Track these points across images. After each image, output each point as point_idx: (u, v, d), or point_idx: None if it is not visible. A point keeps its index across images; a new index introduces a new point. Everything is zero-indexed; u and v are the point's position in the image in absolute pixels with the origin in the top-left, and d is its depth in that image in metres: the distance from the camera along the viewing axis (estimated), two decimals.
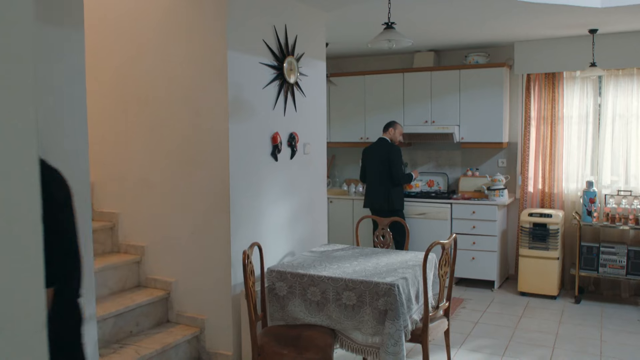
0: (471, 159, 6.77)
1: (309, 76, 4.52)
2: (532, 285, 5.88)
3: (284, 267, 3.81)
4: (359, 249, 4.37)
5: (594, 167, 6.14)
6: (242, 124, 3.79)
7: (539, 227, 5.80)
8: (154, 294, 3.95)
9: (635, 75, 5.87)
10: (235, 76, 3.70)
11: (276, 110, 4.14)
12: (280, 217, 4.24)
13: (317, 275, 3.63)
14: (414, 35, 5.83)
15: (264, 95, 4.01)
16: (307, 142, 4.54)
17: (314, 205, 4.71)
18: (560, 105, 6.18)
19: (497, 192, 6.15)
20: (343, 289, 3.54)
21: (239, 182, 3.78)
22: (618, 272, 5.60)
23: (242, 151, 3.80)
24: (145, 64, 3.99)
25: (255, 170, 3.95)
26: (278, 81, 4.13)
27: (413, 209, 6.38)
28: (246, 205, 3.86)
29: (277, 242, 4.20)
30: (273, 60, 4.08)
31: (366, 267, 3.80)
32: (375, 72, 6.91)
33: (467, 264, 6.20)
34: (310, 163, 4.62)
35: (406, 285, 3.52)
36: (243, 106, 3.79)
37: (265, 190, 4.06)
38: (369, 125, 6.90)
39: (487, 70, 6.29)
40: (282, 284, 3.74)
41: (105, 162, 4.25)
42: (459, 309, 5.56)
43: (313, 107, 4.64)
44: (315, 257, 4.11)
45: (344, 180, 7.50)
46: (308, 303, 3.66)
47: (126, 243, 4.18)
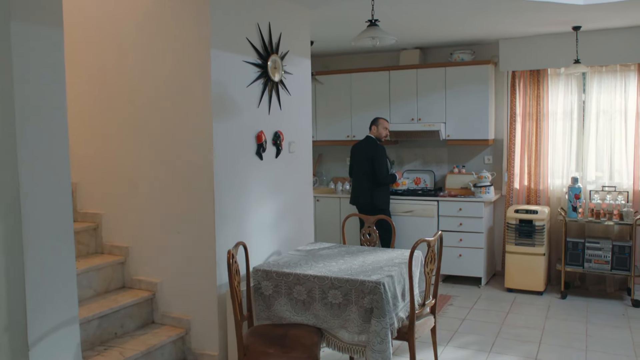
0: (457, 156, 6.78)
1: (293, 74, 4.50)
2: (518, 282, 5.91)
3: (270, 266, 3.80)
4: (345, 248, 4.36)
5: (579, 163, 6.17)
6: (226, 122, 3.76)
7: (525, 223, 5.83)
8: (139, 295, 3.91)
9: (619, 71, 5.91)
10: (218, 74, 3.67)
11: (261, 108, 4.12)
12: (265, 216, 4.22)
13: (303, 274, 3.62)
14: (399, 33, 5.84)
15: (248, 93, 3.98)
16: (292, 140, 4.52)
17: (299, 203, 4.69)
18: (545, 102, 6.21)
19: (484, 189, 6.17)
20: (329, 287, 3.53)
21: (224, 181, 3.75)
22: (603, 267, 5.64)
23: (227, 150, 3.78)
24: (128, 63, 3.95)
25: (240, 170, 3.92)
26: (262, 79, 4.11)
27: (400, 206, 6.39)
28: (231, 205, 3.83)
29: (262, 241, 4.18)
30: (257, 59, 4.05)
31: (352, 265, 3.79)
32: (361, 70, 6.90)
33: (454, 261, 6.21)
34: (295, 162, 4.60)
35: (392, 283, 3.52)
36: (227, 105, 3.77)
37: (250, 189, 4.03)
38: (356, 123, 6.89)
39: (472, 68, 6.30)
40: (267, 283, 3.73)
41: (89, 162, 4.21)
42: (446, 306, 5.57)
43: (298, 106, 4.62)
44: (301, 256, 4.09)
45: (330, 178, 7.49)
46: (294, 302, 3.65)
47: (110, 244, 4.14)
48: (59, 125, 2.67)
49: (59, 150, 2.68)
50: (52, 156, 2.64)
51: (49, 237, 2.64)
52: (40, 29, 2.57)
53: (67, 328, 2.74)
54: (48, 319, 2.64)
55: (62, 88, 2.68)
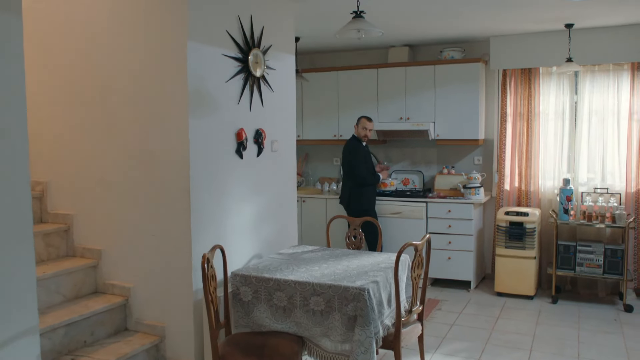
0: (447, 157, 6.63)
1: (277, 70, 4.31)
2: (508, 286, 5.76)
3: (249, 270, 3.61)
4: (329, 251, 4.18)
5: (571, 164, 6.04)
6: (204, 119, 3.57)
7: (516, 225, 5.68)
8: (111, 300, 3.71)
9: (611, 71, 5.78)
10: (196, 68, 3.48)
11: (241, 105, 3.93)
12: (246, 217, 4.03)
13: (284, 280, 3.43)
14: (387, 30, 5.67)
15: (228, 89, 3.79)
16: (275, 139, 4.33)
17: (283, 204, 4.50)
18: (537, 102, 6.06)
19: (473, 190, 6.02)
20: (310, 293, 3.35)
21: (201, 181, 3.56)
22: (595, 271, 5.50)
23: (204, 148, 3.58)
24: (100, 55, 3.75)
25: (219, 168, 3.73)
26: (243, 74, 3.92)
27: (387, 208, 6.22)
28: (209, 206, 3.64)
29: (243, 244, 3.99)
30: (237, 53, 3.86)
31: (336, 270, 3.61)
32: (348, 68, 6.73)
33: (443, 264, 6.05)
34: (278, 161, 4.41)
35: (377, 289, 3.34)
36: (205, 100, 3.58)
37: (229, 190, 3.84)
38: (343, 122, 6.72)
39: (462, 66, 6.15)
40: (246, 288, 3.54)
41: (60, 160, 3.99)
42: (435, 310, 5.41)
43: (282, 103, 4.43)
44: (282, 259, 3.91)
45: (317, 178, 7.31)
46: (274, 309, 3.46)
47: (82, 246, 3.93)
48: (17, 118, 2.47)
49: (17, 144, 2.47)
50: (8, 151, 2.44)
51: (5, 241, 2.44)
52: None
53: (26, 339, 2.54)
54: (4, 329, 2.44)
55: (20, 78, 2.48)
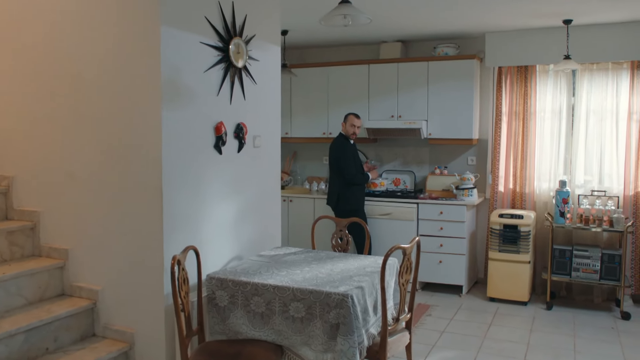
0: (439, 157, 6.41)
1: (260, 61, 4.07)
2: (502, 291, 5.54)
3: (225, 273, 3.37)
4: (313, 253, 3.95)
5: (567, 165, 5.83)
6: (178, 111, 3.32)
7: (510, 228, 5.47)
8: (78, 304, 3.45)
9: (610, 70, 5.58)
10: (170, 56, 3.23)
11: (221, 97, 3.69)
12: (225, 217, 3.79)
13: (262, 284, 3.20)
14: (380, 24, 5.46)
15: (206, 79, 3.55)
16: (257, 134, 4.09)
17: (265, 203, 4.26)
18: (533, 101, 5.86)
19: (466, 191, 5.80)
20: (290, 299, 3.11)
21: (175, 177, 3.32)
22: (591, 277, 5.29)
23: (179, 142, 3.34)
24: (67, 41, 3.49)
25: (196, 164, 3.49)
26: (223, 64, 3.68)
27: (377, 208, 5.99)
28: (183, 204, 3.40)
29: (221, 245, 3.75)
30: (217, 41, 3.62)
31: (318, 273, 3.38)
32: (339, 64, 6.50)
33: (434, 267, 5.83)
34: (261, 157, 4.17)
35: (362, 296, 3.11)
36: (180, 91, 3.33)
37: (207, 187, 3.60)
38: (332, 119, 6.49)
39: (456, 63, 5.93)
40: (222, 293, 3.30)
41: (27, 154, 3.74)
42: (424, 316, 5.18)
43: (265, 96, 4.19)
44: (263, 262, 3.67)
45: (305, 177, 7.07)
46: (251, 315, 3.23)
47: (48, 246, 3.68)
48: None
49: None
50: None
51: None
52: None
53: None
54: None
55: None
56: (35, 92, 3.66)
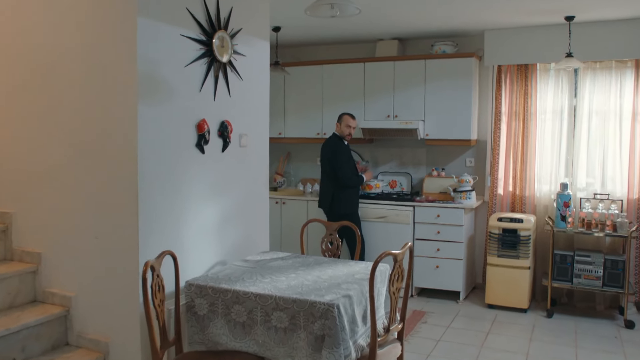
0: (437, 158, 6.21)
1: (247, 57, 3.89)
2: (500, 297, 5.34)
3: (206, 280, 3.17)
4: (301, 258, 3.75)
5: (569, 168, 5.63)
6: (156, 107, 3.13)
7: (509, 233, 5.27)
8: (50, 311, 3.26)
9: (614, 68, 5.38)
10: (147, 49, 3.04)
11: (204, 93, 3.50)
12: (208, 219, 3.60)
13: (243, 292, 3.00)
14: (376, 21, 5.28)
15: (188, 74, 3.36)
16: (244, 133, 3.90)
17: (253, 206, 4.07)
18: (534, 100, 5.66)
19: (464, 194, 5.60)
20: (273, 308, 2.92)
21: (152, 177, 3.13)
22: (593, 284, 5.09)
23: (157, 140, 3.15)
24: (38, 32, 3.31)
25: (175, 164, 3.29)
26: (206, 59, 3.49)
27: (372, 211, 5.79)
28: (162, 206, 3.20)
29: (203, 250, 3.56)
30: (200, 34, 3.43)
31: (304, 281, 3.18)
32: (333, 62, 6.31)
33: (431, 272, 5.63)
34: (248, 157, 3.98)
35: (350, 305, 2.91)
36: (158, 86, 3.14)
37: (188, 188, 3.41)
38: (327, 119, 6.29)
39: (454, 61, 5.74)
40: (202, 300, 3.11)
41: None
42: (420, 323, 4.98)
43: (253, 93, 4.01)
44: (247, 267, 3.48)
45: (299, 179, 6.88)
46: (232, 325, 3.03)
47: (21, 249, 3.48)
48: None
49: None
50: None
51: None
52: None
53: None
54: None
55: None
56: (6, 87, 3.48)
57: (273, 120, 6.54)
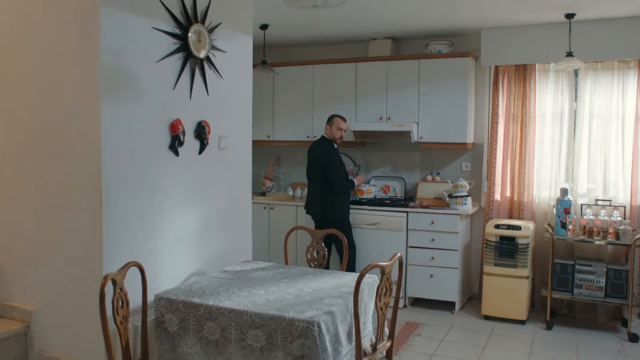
0: (431, 162, 5.96)
1: (228, 53, 3.64)
2: (497, 308, 5.09)
3: (177, 293, 2.92)
4: (284, 269, 3.50)
5: (569, 173, 5.39)
6: (123, 105, 2.88)
7: (507, 240, 5.02)
8: (9, 326, 3.00)
9: (616, 69, 5.14)
10: (112, 41, 2.79)
11: (178, 91, 3.25)
12: (184, 227, 3.34)
13: (216, 307, 2.74)
14: (369, 20, 5.05)
15: (160, 70, 3.11)
16: (223, 134, 3.65)
17: (234, 212, 3.82)
18: (532, 102, 5.42)
19: (460, 199, 5.35)
20: (248, 325, 2.66)
21: (119, 182, 2.87)
22: (595, 294, 4.84)
23: (124, 141, 2.90)
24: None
25: (146, 167, 3.04)
26: (181, 54, 3.24)
27: (363, 218, 5.54)
28: (130, 213, 2.95)
29: (178, 260, 3.30)
30: (174, 27, 3.18)
31: (285, 294, 2.92)
32: (324, 62, 6.07)
33: (425, 282, 5.37)
34: (228, 160, 3.73)
35: (332, 322, 2.66)
36: (126, 82, 2.89)
37: (160, 193, 3.15)
38: (317, 122, 6.04)
39: (450, 61, 5.50)
40: (172, 316, 2.85)
41: None
42: (413, 336, 4.72)
43: (234, 92, 3.76)
44: (224, 279, 3.22)
45: (289, 183, 6.62)
46: (204, 343, 2.78)
47: None
48: None
49: None
50: None
51: None
52: None
53: None
54: None
55: None
56: None
57: (262, 122, 6.31)
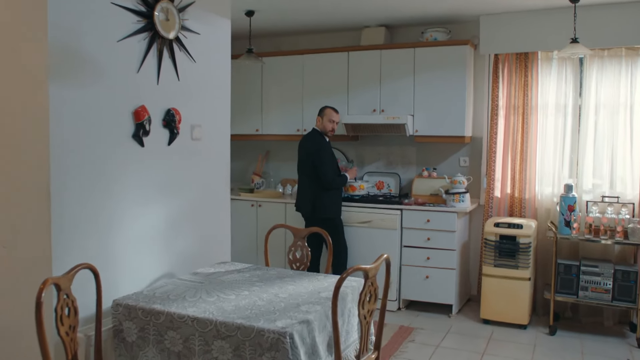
0: (428, 157, 5.65)
1: (202, 35, 3.34)
2: (497, 312, 4.78)
3: (137, 299, 2.61)
4: (262, 271, 3.19)
5: (574, 167, 5.07)
6: (77, 89, 2.58)
7: (507, 240, 4.71)
8: None
9: (624, 56, 4.83)
10: (63, 17, 2.49)
11: (143, 75, 2.95)
12: (151, 225, 3.04)
13: (178, 314, 2.44)
14: (362, 6, 4.75)
15: (122, 51, 2.81)
16: (197, 123, 3.34)
17: (210, 208, 3.52)
18: (534, 93, 5.11)
19: (457, 196, 5.04)
20: (213, 336, 2.35)
21: (71, 174, 2.57)
22: (602, 297, 4.53)
23: (78, 129, 2.60)
24: None
25: (104, 159, 2.74)
26: (146, 34, 2.94)
27: (355, 215, 5.23)
28: (86, 209, 2.64)
29: (144, 262, 3.00)
30: (137, 3, 2.88)
31: (258, 300, 2.62)
32: (315, 51, 5.75)
33: (420, 284, 5.07)
34: (203, 152, 3.43)
35: (309, 332, 2.35)
36: (80, 63, 2.59)
37: (122, 187, 2.85)
38: (307, 114, 5.74)
39: (447, 49, 5.19)
40: (131, 324, 2.55)
41: None
42: (406, 342, 4.41)
43: (209, 78, 3.46)
44: (193, 283, 2.91)
45: (279, 180, 6.32)
46: (165, 355, 2.47)
47: None
48: None
49: None
50: None
51: None
52: None
53: None
54: None
55: None
56: None
57: (250, 116, 6.02)
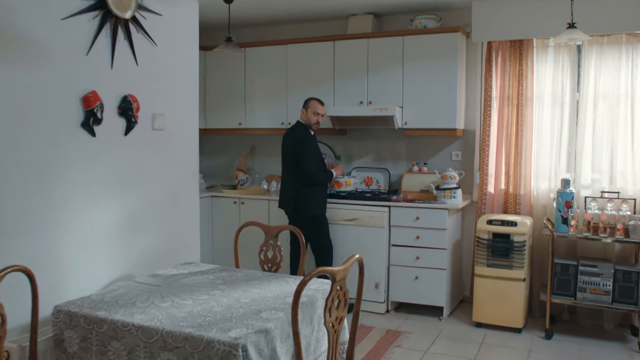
0: (418, 151, 5.38)
1: (164, 16, 3.07)
2: (490, 314, 4.51)
3: (80, 305, 2.35)
4: (228, 273, 2.92)
5: (571, 162, 4.81)
6: (14, 71, 2.32)
7: (501, 238, 4.45)
8: None
9: (624, 43, 4.56)
10: None
11: (94, 57, 2.68)
12: (103, 224, 2.78)
13: (122, 323, 2.17)
14: None
15: (67, 31, 2.55)
16: (159, 112, 3.08)
17: (174, 206, 3.25)
18: (530, 83, 4.84)
19: (448, 192, 4.77)
20: (159, 348, 2.09)
21: (7, 167, 2.30)
22: (602, 299, 4.26)
23: (15, 117, 2.32)
24: None
25: (46, 150, 2.48)
26: (97, 12, 2.67)
27: (340, 213, 4.96)
28: (23, 205, 2.38)
29: (96, 263, 2.73)
30: None
31: (215, 305, 2.35)
32: (299, 41, 5.49)
33: (409, 285, 4.80)
34: (167, 144, 3.17)
35: (267, 343, 2.08)
36: (15, 42, 2.32)
37: (69, 181, 2.59)
38: (292, 107, 5.47)
39: (437, 37, 4.92)
40: (72, 333, 2.28)
41: None
42: (392, 347, 4.15)
43: (175, 64, 3.19)
44: (149, 286, 2.65)
45: (264, 176, 6.05)
46: None
47: None
48: None
49: None
50: None
51: None
52: None
53: None
54: None
55: None
56: None
57: (232, 109, 5.77)
